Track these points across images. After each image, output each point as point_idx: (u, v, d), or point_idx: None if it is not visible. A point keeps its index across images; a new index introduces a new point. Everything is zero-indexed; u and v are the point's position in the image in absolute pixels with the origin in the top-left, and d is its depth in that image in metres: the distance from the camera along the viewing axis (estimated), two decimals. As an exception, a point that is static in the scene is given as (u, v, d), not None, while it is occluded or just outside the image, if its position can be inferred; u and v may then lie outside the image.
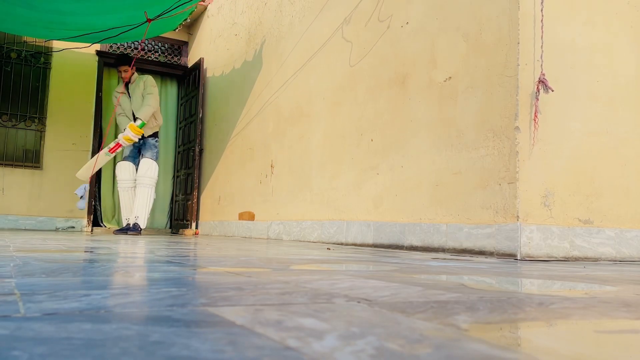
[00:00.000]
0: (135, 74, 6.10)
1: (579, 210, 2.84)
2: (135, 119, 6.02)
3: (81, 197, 5.75)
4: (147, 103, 5.90)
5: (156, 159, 6.05)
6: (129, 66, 5.95)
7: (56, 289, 0.99)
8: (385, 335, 0.65)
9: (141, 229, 5.90)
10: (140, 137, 5.84)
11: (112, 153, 5.76)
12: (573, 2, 2.95)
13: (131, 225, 5.89)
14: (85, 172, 5.70)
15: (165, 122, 8.21)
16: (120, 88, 6.14)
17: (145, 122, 5.83)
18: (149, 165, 5.93)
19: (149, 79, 6.12)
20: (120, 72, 6.00)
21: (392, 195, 3.57)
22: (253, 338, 0.61)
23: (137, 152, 6.12)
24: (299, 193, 4.76)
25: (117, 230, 5.98)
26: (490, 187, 2.82)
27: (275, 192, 5.22)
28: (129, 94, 6.09)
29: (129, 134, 5.69)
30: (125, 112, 6.10)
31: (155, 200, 8.13)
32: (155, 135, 6.13)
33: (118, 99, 6.08)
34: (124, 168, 6.02)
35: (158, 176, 6.20)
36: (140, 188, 5.91)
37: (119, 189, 6.09)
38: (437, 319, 0.77)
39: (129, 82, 6.08)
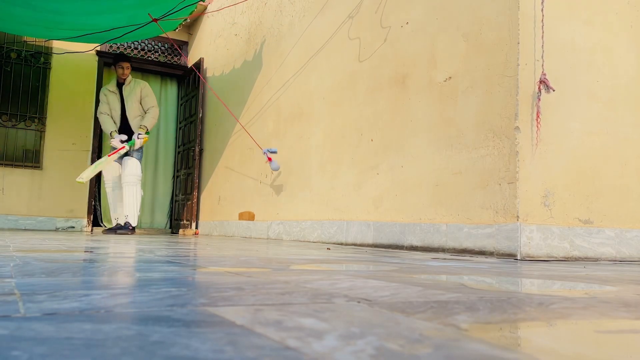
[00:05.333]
0: (130, 77, 6.14)
1: (579, 210, 2.84)
2: (123, 122, 6.09)
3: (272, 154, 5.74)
4: (153, 116, 6.13)
5: (140, 159, 6.09)
6: (130, 63, 6.05)
7: (56, 288, 0.99)
8: (385, 335, 0.65)
9: (133, 227, 5.89)
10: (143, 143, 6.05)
11: (109, 157, 5.94)
12: (573, 1, 2.95)
13: (122, 224, 5.92)
14: (87, 175, 5.79)
15: (165, 122, 8.22)
16: (112, 87, 6.12)
17: (149, 130, 6.12)
18: (132, 164, 5.94)
19: (147, 86, 6.18)
20: (122, 67, 6.00)
21: (392, 195, 3.57)
22: (253, 338, 0.61)
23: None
24: (299, 193, 4.76)
25: (107, 229, 5.99)
26: (490, 187, 2.82)
27: (275, 192, 5.22)
28: (121, 95, 6.10)
29: (139, 143, 5.99)
30: (113, 112, 6.09)
31: (155, 200, 8.14)
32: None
33: (109, 97, 6.10)
34: (110, 168, 6.04)
35: (142, 173, 6.28)
36: (127, 187, 5.91)
37: (106, 188, 6.10)
38: (437, 319, 0.77)
39: (123, 83, 6.10)
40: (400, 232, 3.42)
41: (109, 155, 5.84)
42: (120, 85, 6.15)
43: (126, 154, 6.06)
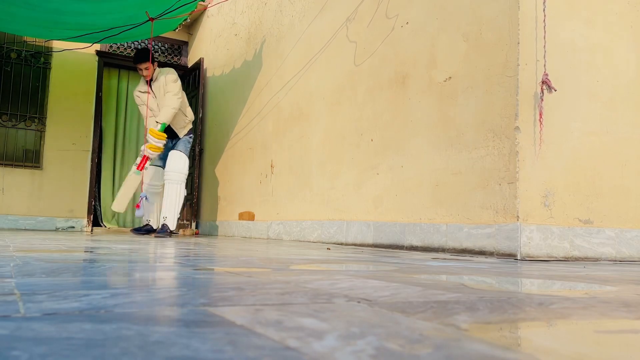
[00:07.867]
0: (157, 69, 5.38)
1: (579, 210, 2.84)
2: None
3: (141, 200, 5.16)
4: (167, 104, 5.18)
5: (187, 153, 5.38)
6: (149, 62, 5.25)
7: (56, 288, 0.99)
8: (385, 335, 0.65)
9: (170, 230, 5.14)
10: (165, 140, 5.16)
11: (140, 170, 5.09)
12: (573, 2, 2.95)
13: (159, 227, 5.21)
14: (121, 202, 5.20)
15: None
16: (144, 87, 5.41)
17: (167, 123, 5.16)
18: (178, 158, 5.25)
19: (169, 73, 5.34)
20: (140, 70, 5.30)
21: (392, 195, 3.57)
22: (253, 338, 0.61)
23: (167, 153, 5.44)
24: (299, 193, 4.76)
25: (134, 229, 5.41)
26: (490, 187, 2.82)
27: (275, 192, 5.22)
28: (154, 94, 5.37)
29: (153, 142, 5.04)
30: (152, 112, 5.38)
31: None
32: (189, 132, 5.51)
33: (143, 98, 5.40)
34: (154, 173, 5.44)
35: (188, 172, 5.43)
36: (168, 185, 5.20)
37: (146, 192, 5.36)
38: (437, 319, 0.77)
39: (152, 80, 5.35)
40: (400, 232, 3.42)
41: (137, 168, 5.08)
42: (151, 82, 5.39)
43: (173, 147, 5.38)
